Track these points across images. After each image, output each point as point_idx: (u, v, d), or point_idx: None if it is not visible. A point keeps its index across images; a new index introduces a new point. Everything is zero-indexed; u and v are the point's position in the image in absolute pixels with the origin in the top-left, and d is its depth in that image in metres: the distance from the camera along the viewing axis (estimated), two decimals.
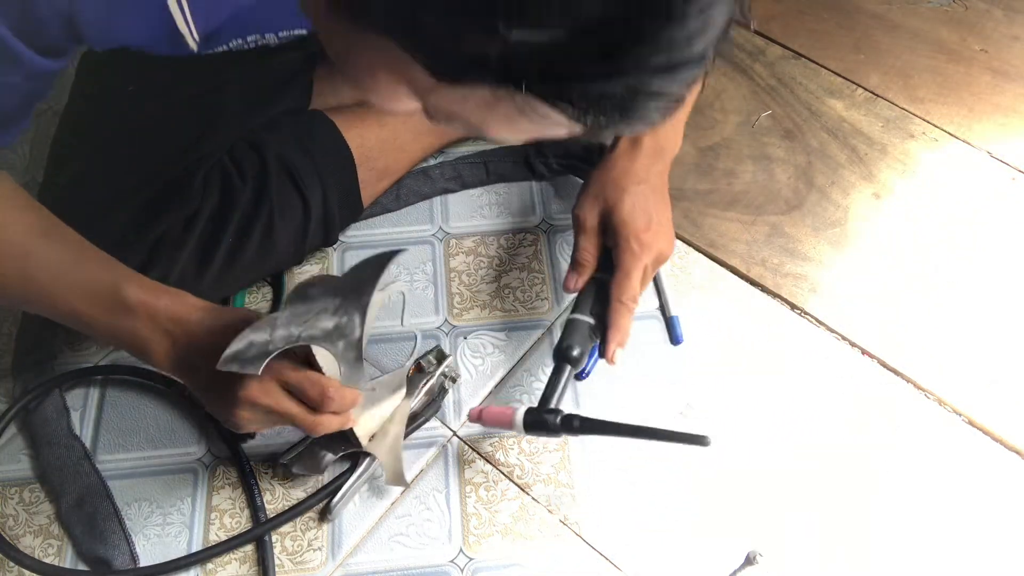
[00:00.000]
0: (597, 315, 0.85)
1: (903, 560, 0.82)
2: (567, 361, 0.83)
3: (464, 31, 0.42)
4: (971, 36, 1.24)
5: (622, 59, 0.43)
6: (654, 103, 0.46)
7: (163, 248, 0.87)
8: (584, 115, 0.45)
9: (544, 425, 0.77)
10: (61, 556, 0.83)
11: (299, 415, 0.72)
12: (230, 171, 0.91)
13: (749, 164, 1.10)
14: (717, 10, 0.44)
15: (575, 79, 0.44)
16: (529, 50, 0.41)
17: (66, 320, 0.76)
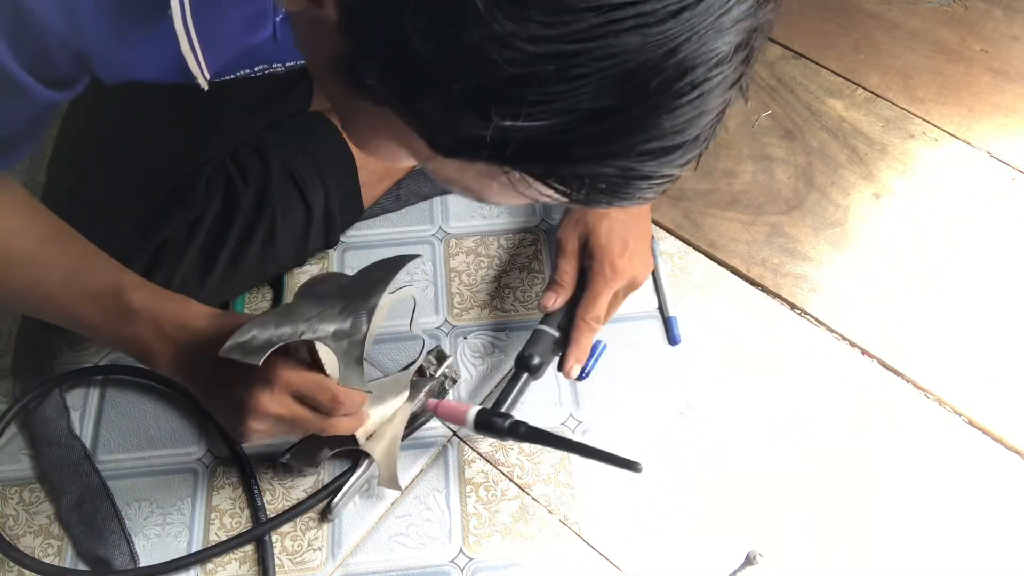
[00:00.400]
0: (563, 329, 0.87)
1: (903, 560, 0.82)
2: (526, 369, 0.85)
3: (458, 116, 0.43)
4: (971, 36, 1.24)
5: (614, 146, 0.43)
6: (647, 184, 0.46)
7: (166, 252, 0.87)
8: (577, 193, 0.46)
9: (492, 427, 0.78)
10: (61, 556, 0.83)
11: (311, 421, 0.73)
12: (233, 175, 0.91)
13: (749, 164, 1.10)
14: (712, 97, 0.44)
15: (567, 162, 0.44)
16: (522, 135, 0.42)
17: (71, 325, 0.76)
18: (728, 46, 0.42)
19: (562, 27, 0.40)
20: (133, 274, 0.75)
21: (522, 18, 0.40)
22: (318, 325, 0.68)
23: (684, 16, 0.40)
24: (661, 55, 0.41)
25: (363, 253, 1.02)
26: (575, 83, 0.41)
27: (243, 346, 0.66)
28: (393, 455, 0.82)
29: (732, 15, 0.42)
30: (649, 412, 0.90)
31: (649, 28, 0.40)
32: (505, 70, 0.40)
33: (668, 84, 0.42)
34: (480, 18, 0.40)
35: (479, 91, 0.42)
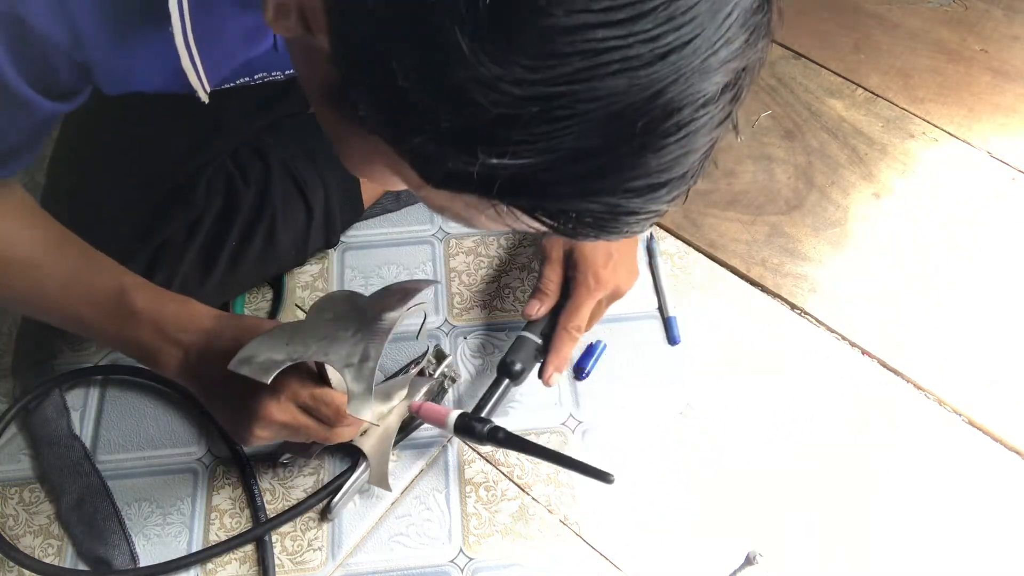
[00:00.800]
0: (546, 336, 0.88)
1: (903, 560, 0.82)
2: (508, 375, 0.86)
3: (446, 152, 0.43)
4: (971, 36, 1.24)
5: (600, 183, 0.43)
6: (634, 219, 0.46)
7: (166, 253, 0.87)
8: (564, 227, 0.46)
9: (472, 432, 0.79)
10: (61, 556, 0.83)
11: (315, 430, 0.74)
12: (233, 175, 0.91)
13: (749, 164, 1.10)
14: (699, 136, 0.44)
15: (553, 198, 0.44)
16: (508, 172, 0.42)
17: (74, 328, 0.76)
18: (715, 87, 0.42)
19: (548, 71, 0.40)
20: (135, 275, 0.75)
21: (508, 62, 0.40)
22: (330, 347, 0.68)
23: (671, 59, 0.40)
24: (647, 97, 0.41)
25: (363, 253, 1.02)
26: (560, 124, 0.41)
27: (253, 362, 0.67)
28: (385, 453, 0.82)
29: (720, 56, 0.41)
30: (649, 412, 0.90)
31: (635, 71, 0.40)
32: (491, 111, 0.40)
33: (654, 125, 0.42)
34: (466, 61, 0.40)
35: (465, 130, 0.42)
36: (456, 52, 0.40)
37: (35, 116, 0.62)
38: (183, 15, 0.56)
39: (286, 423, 0.72)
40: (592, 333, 0.94)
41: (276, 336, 0.68)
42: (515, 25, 0.39)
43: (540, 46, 0.39)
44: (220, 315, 0.74)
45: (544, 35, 0.39)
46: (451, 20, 0.39)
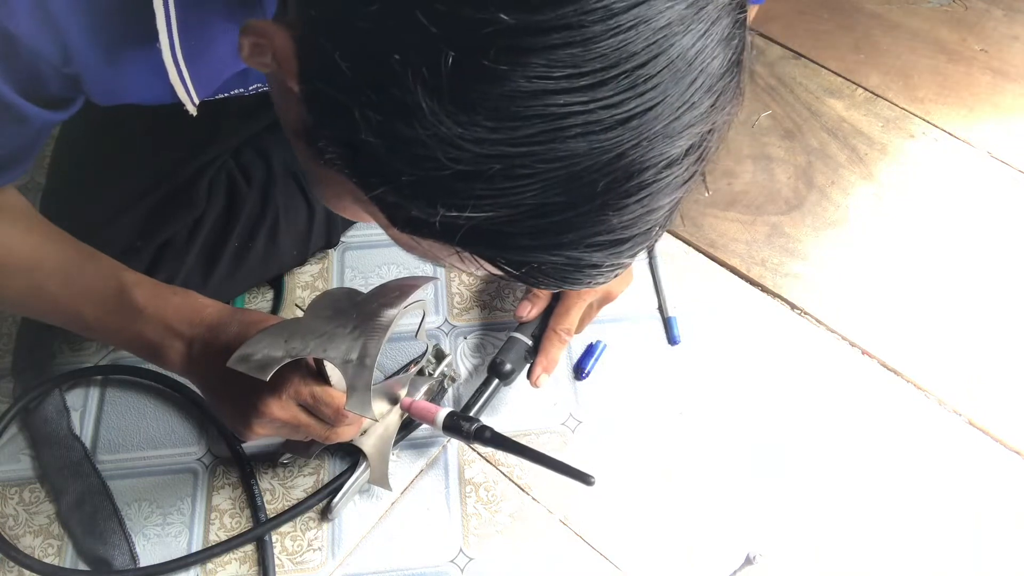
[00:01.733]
0: (536, 338, 0.89)
1: (903, 560, 0.82)
2: (497, 375, 0.87)
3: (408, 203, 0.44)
4: (971, 36, 1.24)
5: (561, 238, 0.43)
6: (597, 271, 0.46)
7: (168, 253, 0.87)
8: (526, 277, 0.46)
9: (459, 430, 0.79)
10: (61, 556, 0.83)
11: (315, 428, 0.74)
12: (235, 175, 0.91)
13: (749, 164, 1.10)
14: (662, 196, 0.44)
15: (515, 250, 0.44)
16: (469, 224, 0.42)
17: (77, 328, 0.76)
18: (679, 149, 0.42)
19: (508, 132, 0.40)
20: (135, 272, 0.75)
21: (469, 122, 0.40)
22: (328, 344, 0.68)
23: (632, 124, 0.40)
24: (607, 160, 0.41)
25: (363, 253, 1.02)
26: (521, 181, 0.41)
27: (252, 359, 0.67)
28: (385, 452, 0.82)
29: (683, 121, 0.41)
30: (649, 412, 0.90)
31: (596, 135, 0.40)
32: (450, 167, 0.41)
33: (616, 185, 0.42)
34: (426, 119, 0.40)
35: (425, 185, 0.42)
36: (417, 110, 0.40)
37: (29, 125, 0.62)
38: (171, 31, 0.56)
39: (286, 421, 0.72)
40: (592, 333, 0.94)
41: (275, 333, 0.68)
42: (476, 87, 0.39)
43: (501, 108, 0.40)
44: (223, 308, 0.74)
45: (505, 98, 0.39)
46: (413, 79, 0.40)
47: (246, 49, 0.48)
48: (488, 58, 0.39)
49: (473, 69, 0.39)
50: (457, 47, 0.39)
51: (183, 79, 0.59)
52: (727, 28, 0.42)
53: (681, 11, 0.40)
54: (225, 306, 0.74)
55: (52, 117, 0.62)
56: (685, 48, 0.40)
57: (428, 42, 0.39)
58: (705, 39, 0.41)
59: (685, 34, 0.40)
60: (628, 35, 0.39)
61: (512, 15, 0.38)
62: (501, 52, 0.39)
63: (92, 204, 0.88)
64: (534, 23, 0.38)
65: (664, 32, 0.40)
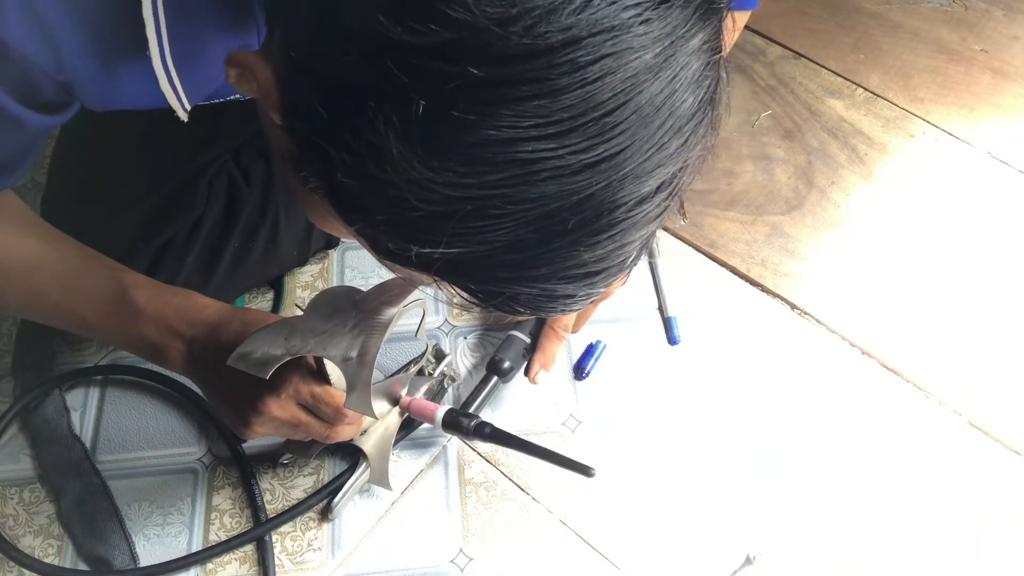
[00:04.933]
0: (534, 336, 0.90)
1: (903, 560, 0.82)
2: (496, 372, 0.88)
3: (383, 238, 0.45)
4: (971, 36, 1.24)
5: (534, 272, 0.44)
6: (571, 301, 0.47)
7: (168, 253, 0.87)
8: (501, 306, 0.47)
9: (459, 427, 0.80)
10: (61, 556, 0.83)
11: (314, 427, 0.74)
12: (236, 176, 0.91)
13: (749, 164, 1.10)
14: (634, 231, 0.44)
15: (489, 282, 0.45)
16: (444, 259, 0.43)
17: (78, 329, 0.76)
18: (649, 188, 0.43)
19: (479, 176, 0.41)
20: (134, 273, 0.75)
21: (440, 167, 0.41)
22: (328, 342, 0.69)
23: (601, 167, 0.41)
24: (577, 201, 0.41)
25: (363, 253, 1.02)
26: (493, 220, 0.42)
27: (252, 357, 0.67)
28: (385, 452, 0.82)
29: (653, 161, 0.42)
30: (649, 412, 0.90)
31: (565, 178, 0.41)
32: (422, 208, 0.42)
33: (586, 223, 0.42)
34: (397, 163, 0.41)
35: (399, 223, 0.43)
36: (388, 154, 0.41)
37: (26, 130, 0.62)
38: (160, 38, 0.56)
39: (285, 420, 0.72)
40: (592, 333, 0.94)
41: (275, 331, 0.69)
42: (446, 135, 0.40)
43: (470, 155, 0.40)
44: (224, 308, 0.74)
45: (474, 146, 0.40)
46: (385, 124, 0.40)
47: (232, 77, 0.49)
48: (457, 108, 0.39)
49: (443, 118, 0.40)
50: (427, 97, 0.40)
51: (173, 86, 0.59)
52: (698, 71, 0.42)
53: (649, 60, 0.40)
54: (225, 306, 0.74)
55: (49, 122, 0.63)
56: (653, 95, 0.41)
57: (399, 91, 0.40)
58: (674, 84, 0.41)
59: (653, 81, 0.41)
60: (594, 86, 0.39)
61: (481, 69, 0.39)
62: (470, 103, 0.39)
63: (92, 204, 0.88)
64: (502, 76, 0.39)
65: (631, 81, 0.40)
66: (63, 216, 0.76)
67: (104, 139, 0.92)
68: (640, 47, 0.40)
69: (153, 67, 0.57)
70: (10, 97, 0.58)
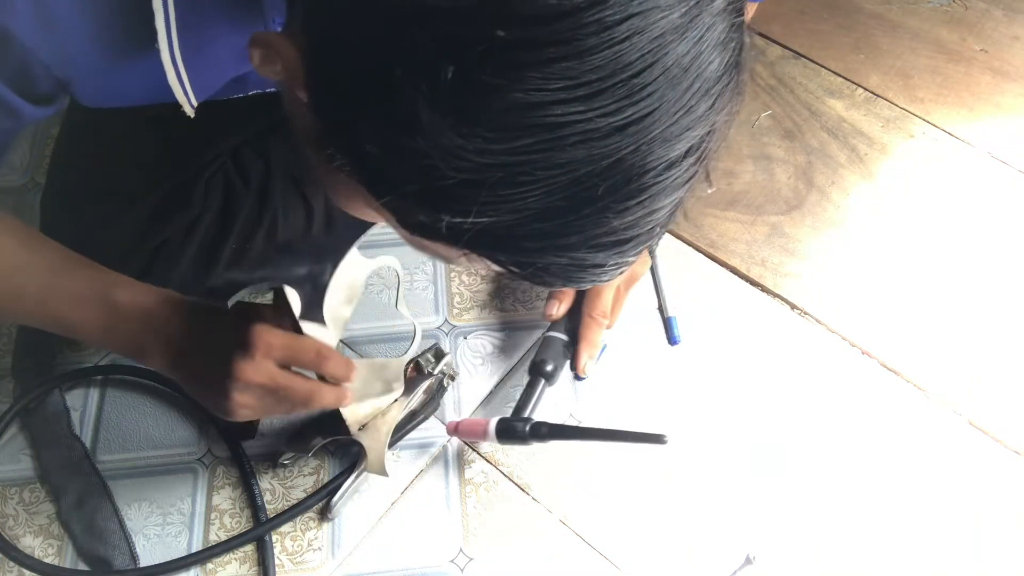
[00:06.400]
0: (570, 332, 0.89)
1: (903, 560, 0.82)
2: (541, 375, 0.87)
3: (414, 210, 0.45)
4: (971, 36, 1.24)
5: (564, 240, 0.44)
6: (601, 270, 0.47)
7: (165, 253, 0.87)
8: (532, 276, 0.47)
9: (515, 433, 0.79)
10: (61, 556, 0.83)
11: (296, 386, 0.71)
12: (233, 176, 0.91)
13: (749, 164, 1.10)
14: (663, 197, 0.44)
15: (520, 252, 0.46)
16: (474, 229, 0.44)
17: (60, 329, 0.76)
18: (678, 152, 0.43)
19: (508, 142, 0.41)
20: (115, 273, 0.75)
21: (470, 133, 0.41)
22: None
23: (630, 131, 0.41)
24: (607, 165, 0.41)
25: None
26: (523, 188, 0.42)
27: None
28: (383, 443, 0.81)
29: (681, 125, 0.42)
30: (649, 412, 0.90)
31: (594, 142, 0.41)
32: (453, 177, 0.42)
33: (615, 189, 0.42)
34: (428, 131, 0.41)
35: (430, 193, 0.43)
36: (418, 122, 0.41)
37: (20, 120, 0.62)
38: (170, 31, 0.56)
39: (263, 384, 0.69)
40: None
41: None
42: (475, 101, 0.40)
43: (500, 120, 0.40)
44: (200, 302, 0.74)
45: (503, 111, 0.40)
46: (414, 93, 0.41)
47: (256, 58, 0.49)
48: (486, 73, 0.39)
49: (472, 84, 0.40)
50: (456, 62, 0.40)
51: (181, 80, 0.59)
52: (723, 32, 0.42)
53: (675, 20, 0.40)
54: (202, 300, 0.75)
55: (41, 113, 0.62)
56: (680, 55, 0.41)
57: (428, 58, 0.40)
58: (700, 45, 0.41)
59: (680, 42, 0.41)
60: (622, 47, 0.39)
61: (508, 31, 0.39)
62: (498, 67, 0.39)
63: (91, 204, 0.87)
64: (530, 39, 0.39)
65: (658, 42, 0.40)
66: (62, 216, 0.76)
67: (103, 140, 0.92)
68: (666, 6, 0.40)
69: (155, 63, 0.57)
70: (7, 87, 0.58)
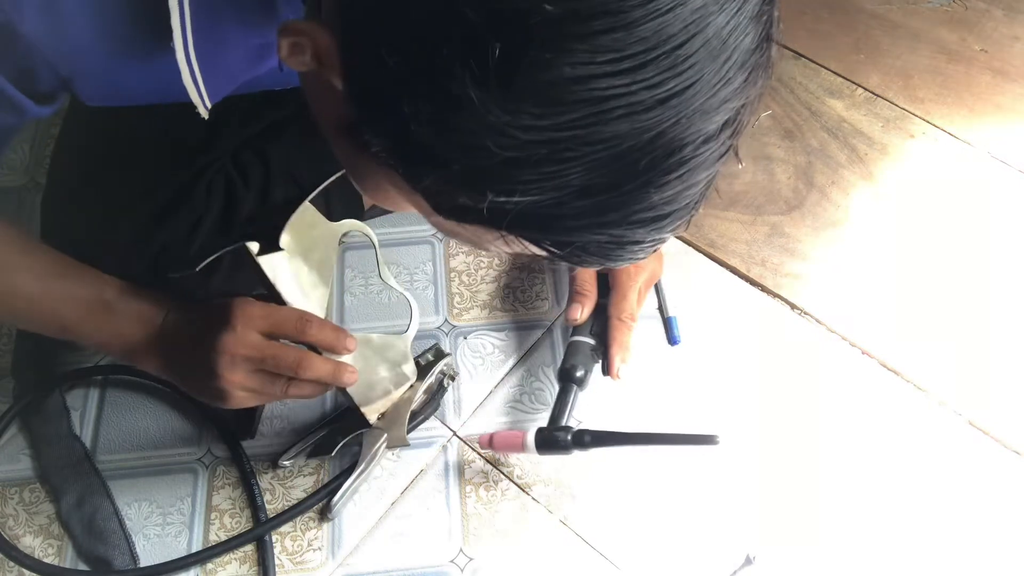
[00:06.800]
0: (597, 335, 0.88)
1: (903, 560, 0.82)
2: (572, 381, 0.86)
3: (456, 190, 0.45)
4: (971, 36, 1.24)
5: (605, 217, 0.45)
6: (638, 247, 0.48)
7: (167, 255, 0.87)
8: (570, 256, 0.48)
9: (556, 443, 0.79)
10: (61, 556, 0.83)
11: (281, 352, 0.72)
12: (233, 177, 0.91)
13: (749, 164, 1.10)
14: (701, 171, 0.45)
15: (560, 231, 0.46)
16: (517, 208, 0.44)
17: (53, 331, 0.76)
18: (715, 125, 0.43)
19: (554, 117, 0.41)
20: (108, 275, 0.75)
21: (516, 110, 0.41)
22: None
23: (672, 103, 0.41)
24: (649, 139, 0.42)
25: (363, 253, 1.02)
26: (567, 164, 0.42)
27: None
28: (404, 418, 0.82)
29: (720, 96, 0.43)
30: (649, 412, 0.90)
31: (637, 116, 0.41)
32: (499, 154, 0.42)
33: (656, 163, 0.43)
34: (475, 109, 0.41)
35: (475, 172, 0.43)
36: (466, 100, 0.41)
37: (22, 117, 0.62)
38: (185, 32, 0.56)
39: (248, 355, 0.70)
40: None
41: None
42: (522, 76, 0.40)
43: (546, 95, 0.41)
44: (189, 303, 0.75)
45: (550, 85, 0.40)
46: (461, 71, 0.41)
47: (284, 49, 0.49)
48: (534, 48, 0.40)
49: (519, 59, 0.40)
50: (503, 39, 0.40)
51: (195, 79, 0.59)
52: (757, 5, 0.43)
53: None
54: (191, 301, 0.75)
55: (41, 111, 0.63)
56: (719, 27, 0.41)
57: (475, 35, 0.40)
58: (738, 17, 0.42)
59: (719, 13, 0.41)
60: (666, 18, 0.40)
61: (555, 5, 0.39)
62: (545, 41, 0.40)
63: (92, 206, 0.87)
64: (577, 11, 0.39)
65: (700, 12, 0.41)
66: (62, 216, 0.76)
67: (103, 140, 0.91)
68: None
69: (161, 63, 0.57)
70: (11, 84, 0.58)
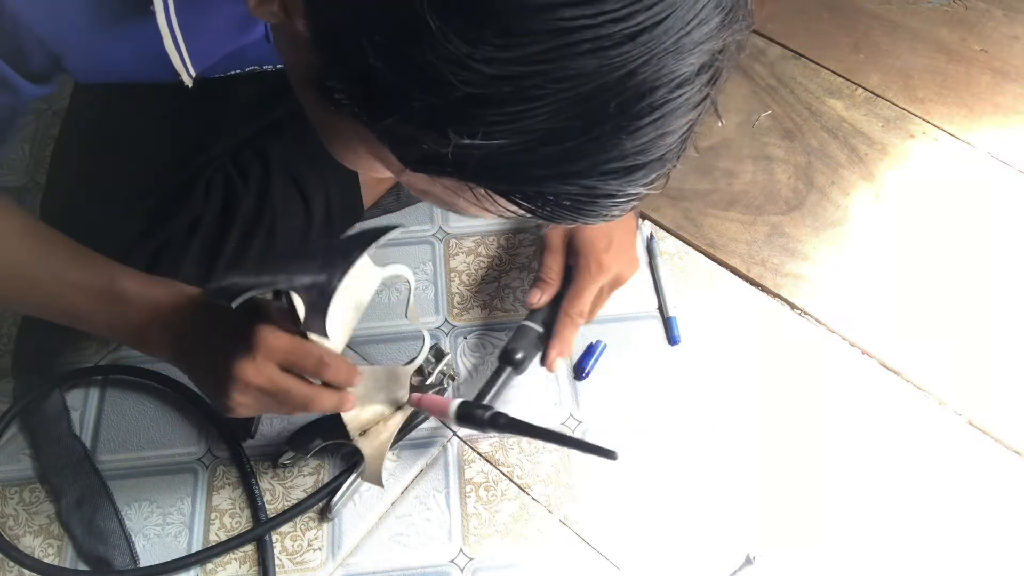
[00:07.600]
0: (546, 325, 0.88)
1: (903, 560, 0.82)
2: (509, 363, 0.86)
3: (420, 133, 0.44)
4: (971, 36, 1.24)
5: (575, 165, 0.43)
6: (612, 202, 0.46)
7: (166, 253, 0.88)
8: (541, 210, 0.46)
9: (473, 419, 0.78)
10: (61, 556, 0.83)
11: (296, 391, 0.71)
12: (233, 176, 0.91)
13: (749, 164, 1.10)
14: (675, 118, 0.43)
15: (529, 181, 0.44)
16: (482, 153, 0.42)
17: (67, 319, 0.76)
18: (690, 67, 0.42)
19: (518, 49, 0.40)
20: (121, 265, 0.75)
21: (478, 40, 0.40)
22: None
23: (642, 39, 0.40)
24: (618, 78, 0.41)
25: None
26: (532, 104, 0.41)
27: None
28: (382, 452, 0.81)
29: (693, 37, 0.41)
30: (649, 412, 0.90)
31: (606, 51, 0.40)
32: (461, 90, 0.41)
33: (627, 106, 0.41)
34: (435, 39, 0.40)
35: (436, 110, 0.42)
36: (425, 30, 0.40)
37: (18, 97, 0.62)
38: None
39: (263, 386, 0.69)
40: (592, 333, 0.94)
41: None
42: (483, 3, 0.39)
43: (508, 24, 0.39)
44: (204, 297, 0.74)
45: (512, 13, 0.39)
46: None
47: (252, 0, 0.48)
48: None
49: None
50: None
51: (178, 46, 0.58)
52: None
53: None
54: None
55: (37, 91, 0.62)
56: None
57: None
58: None
59: None
60: None
61: None
62: None
63: (92, 204, 0.88)
64: None
65: None
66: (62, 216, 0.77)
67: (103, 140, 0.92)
68: None
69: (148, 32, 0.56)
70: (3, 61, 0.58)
